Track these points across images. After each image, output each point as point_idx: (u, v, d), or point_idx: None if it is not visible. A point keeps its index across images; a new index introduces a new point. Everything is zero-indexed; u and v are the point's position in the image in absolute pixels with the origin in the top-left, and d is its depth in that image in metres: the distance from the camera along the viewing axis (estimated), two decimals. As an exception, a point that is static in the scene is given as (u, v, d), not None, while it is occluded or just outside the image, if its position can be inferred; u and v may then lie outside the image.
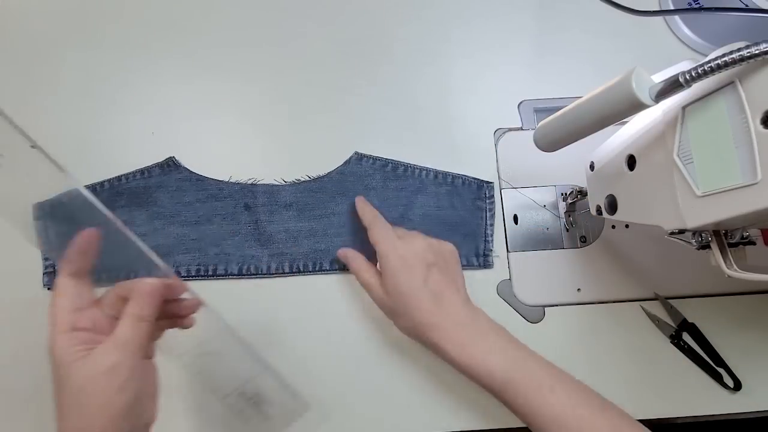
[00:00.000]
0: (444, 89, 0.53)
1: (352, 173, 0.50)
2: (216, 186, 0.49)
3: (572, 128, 0.35)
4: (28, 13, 0.54)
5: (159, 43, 0.54)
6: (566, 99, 0.50)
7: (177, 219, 0.48)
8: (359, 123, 0.52)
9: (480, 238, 0.49)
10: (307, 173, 0.50)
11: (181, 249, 0.48)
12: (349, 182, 0.49)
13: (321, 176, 0.50)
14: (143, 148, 0.50)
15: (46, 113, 0.51)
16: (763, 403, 0.46)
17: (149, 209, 0.48)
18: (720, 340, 0.47)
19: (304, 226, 0.49)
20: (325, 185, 0.50)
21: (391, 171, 0.50)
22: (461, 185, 0.50)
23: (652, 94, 0.29)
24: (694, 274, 0.48)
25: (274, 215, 0.49)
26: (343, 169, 0.50)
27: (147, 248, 0.35)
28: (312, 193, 0.49)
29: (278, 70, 0.53)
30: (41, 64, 0.53)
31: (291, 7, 0.55)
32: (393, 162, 0.50)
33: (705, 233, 0.33)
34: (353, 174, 0.50)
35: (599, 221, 0.50)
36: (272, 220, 0.49)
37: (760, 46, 0.24)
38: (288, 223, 0.49)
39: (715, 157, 0.28)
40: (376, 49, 0.54)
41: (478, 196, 0.50)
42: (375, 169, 0.50)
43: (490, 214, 0.50)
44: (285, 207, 0.49)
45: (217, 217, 0.49)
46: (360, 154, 0.50)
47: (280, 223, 0.49)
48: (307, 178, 0.50)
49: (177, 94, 0.52)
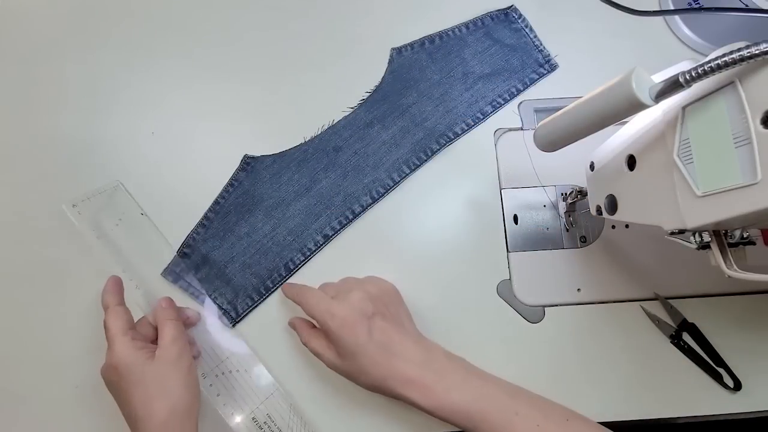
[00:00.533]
0: (444, 89, 0.53)
1: (401, 66, 0.53)
2: (298, 150, 0.51)
3: (572, 128, 0.35)
4: (29, 13, 0.54)
5: (159, 42, 0.54)
6: (566, 99, 0.51)
7: (288, 198, 0.50)
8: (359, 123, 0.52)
9: (535, 51, 0.54)
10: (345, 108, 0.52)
11: (312, 219, 0.49)
12: (404, 75, 0.53)
13: (377, 86, 0.52)
14: (143, 148, 0.50)
15: (46, 113, 0.51)
16: (763, 403, 0.46)
17: (261, 207, 0.49)
18: (720, 340, 0.47)
19: (394, 130, 0.51)
20: (385, 91, 0.52)
21: (429, 45, 0.54)
22: (491, 22, 0.55)
23: (652, 94, 0.29)
24: (694, 274, 0.48)
25: (365, 139, 0.51)
26: (391, 69, 0.53)
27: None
28: (380, 103, 0.52)
29: (278, 70, 0.54)
30: (42, 64, 0.53)
31: (291, 7, 0.55)
32: (427, 38, 0.54)
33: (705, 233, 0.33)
34: (402, 66, 0.53)
35: (599, 221, 0.50)
36: (366, 143, 0.51)
37: (760, 46, 0.24)
38: (381, 136, 0.51)
39: (715, 157, 0.28)
40: (375, 50, 0.54)
41: (511, 21, 0.54)
42: (416, 52, 0.54)
43: (528, 29, 0.54)
44: (368, 126, 0.51)
45: (319, 173, 0.50)
46: (395, 48, 0.53)
47: (373, 142, 0.51)
48: (365, 96, 0.52)
49: (177, 94, 0.52)
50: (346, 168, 0.50)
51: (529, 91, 0.53)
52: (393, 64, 0.53)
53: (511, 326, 0.47)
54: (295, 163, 0.50)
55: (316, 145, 0.51)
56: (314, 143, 0.51)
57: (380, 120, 0.51)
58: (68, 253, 0.48)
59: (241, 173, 0.50)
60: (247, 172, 0.50)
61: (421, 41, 0.54)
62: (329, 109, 0.52)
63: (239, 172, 0.50)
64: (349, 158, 0.50)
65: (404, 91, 0.52)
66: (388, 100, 0.52)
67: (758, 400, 0.46)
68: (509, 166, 0.51)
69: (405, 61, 0.53)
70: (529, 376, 0.46)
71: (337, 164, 0.50)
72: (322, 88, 0.53)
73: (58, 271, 0.47)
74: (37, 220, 0.48)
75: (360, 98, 0.52)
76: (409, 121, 0.51)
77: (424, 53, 0.53)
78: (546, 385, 0.46)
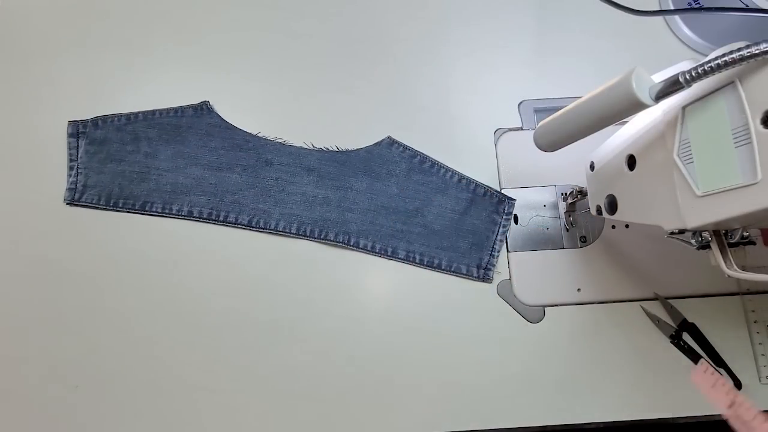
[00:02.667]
0: (444, 89, 0.53)
1: (380, 156, 0.51)
2: (243, 137, 0.51)
3: (572, 128, 0.35)
4: (29, 12, 0.54)
5: (159, 42, 0.54)
6: (566, 99, 0.50)
7: (200, 161, 0.50)
8: (358, 122, 0.52)
9: (486, 251, 0.49)
10: (336, 144, 0.51)
11: (198, 191, 0.50)
12: (375, 163, 0.50)
13: (349, 150, 0.51)
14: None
15: (45, 113, 0.51)
16: (763, 403, 0.45)
17: (176, 147, 0.50)
18: (720, 340, 0.47)
19: (320, 193, 0.50)
20: (350, 159, 0.50)
21: (417, 163, 0.51)
22: (482, 195, 0.50)
23: (652, 94, 0.29)
24: (694, 274, 0.48)
25: (295, 176, 0.50)
26: (372, 149, 0.51)
27: None
28: (336, 164, 0.50)
29: (278, 71, 0.53)
30: (41, 64, 0.53)
31: (291, 7, 0.55)
32: (422, 155, 0.51)
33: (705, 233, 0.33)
34: (381, 157, 0.51)
35: (599, 221, 0.50)
36: (292, 180, 0.50)
37: (760, 46, 0.24)
38: (306, 187, 0.50)
39: (715, 157, 0.28)
40: (376, 49, 0.54)
41: (497, 210, 0.50)
42: (403, 157, 0.51)
43: (503, 230, 0.49)
44: (307, 171, 0.50)
45: (238, 167, 0.50)
46: (392, 139, 0.51)
47: (298, 185, 0.50)
48: (335, 149, 0.51)
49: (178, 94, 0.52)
50: (258, 182, 0.50)
51: (529, 91, 0.53)
52: (377, 147, 0.51)
53: (511, 326, 0.47)
54: (232, 143, 0.50)
55: (259, 146, 0.51)
56: (259, 142, 0.51)
57: (320, 176, 0.50)
58: (68, 253, 0.48)
59: (189, 109, 0.51)
60: (194, 112, 0.51)
61: (414, 153, 0.51)
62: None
63: (190, 108, 0.51)
64: (268, 178, 0.50)
65: (361, 174, 0.50)
66: (342, 168, 0.50)
67: (758, 400, 0.46)
68: (509, 166, 0.51)
69: (387, 155, 0.51)
70: (529, 376, 0.46)
71: (256, 173, 0.50)
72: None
73: (57, 271, 0.47)
74: (36, 219, 0.48)
75: (327, 145, 0.51)
76: (338, 198, 0.50)
77: (407, 163, 0.50)
78: (546, 385, 0.46)
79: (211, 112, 0.51)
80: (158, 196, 0.49)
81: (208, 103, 0.51)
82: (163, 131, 0.50)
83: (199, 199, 0.49)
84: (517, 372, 0.46)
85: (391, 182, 0.50)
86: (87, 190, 0.49)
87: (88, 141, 0.50)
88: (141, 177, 0.49)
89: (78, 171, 0.49)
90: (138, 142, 0.50)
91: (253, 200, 0.49)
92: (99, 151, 0.50)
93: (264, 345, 0.47)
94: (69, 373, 0.45)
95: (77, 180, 0.49)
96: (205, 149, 0.50)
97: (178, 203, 0.49)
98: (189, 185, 0.50)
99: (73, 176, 0.49)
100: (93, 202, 0.49)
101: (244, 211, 0.49)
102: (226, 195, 0.49)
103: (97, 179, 0.49)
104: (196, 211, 0.49)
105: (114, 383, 0.45)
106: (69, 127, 0.50)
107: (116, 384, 0.45)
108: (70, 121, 0.50)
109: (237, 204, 0.49)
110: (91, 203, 0.49)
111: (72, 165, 0.50)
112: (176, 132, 0.51)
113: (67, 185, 0.49)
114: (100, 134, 0.50)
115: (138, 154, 0.50)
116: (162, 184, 0.49)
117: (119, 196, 0.49)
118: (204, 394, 0.45)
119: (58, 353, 0.46)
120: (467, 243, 0.49)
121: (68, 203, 0.49)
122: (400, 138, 0.51)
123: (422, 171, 0.50)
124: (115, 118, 0.51)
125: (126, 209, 0.49)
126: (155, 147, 0.50)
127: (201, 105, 0.51)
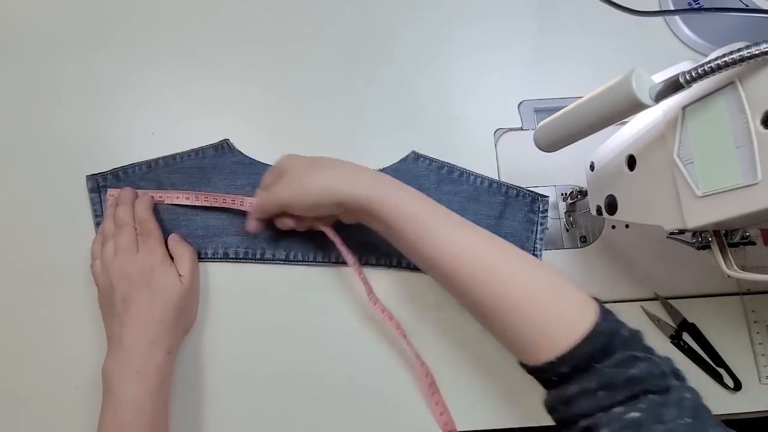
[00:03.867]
0: (444, 89, 0.53)
1: (407, 171, 0.50)
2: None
3: (572, 128, 0.35)
4: (29, 12, 0.54)
5: (160, 42, 0.54)
6: (566, 99, 0.50)
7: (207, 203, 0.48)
8: (359, 123, 0.52)
9: (528, 251, 0.48)
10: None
11: (231, 231, 0.48)
12: (404, 179, 0.48)
13: (377, 170, 0.49)
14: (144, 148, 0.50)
15: (46, 113, 0.51)
16: (763, 403, 0.46)
17: (202, 189, 0.49)
18: (720, 340, 0.47)
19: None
20: None
21: (446, 174, 0.50)
22: (515, 196, 0.49)
23: (652, 95, 0.29)
24: (694, 274, 0.48)
25: None
26: (399, 166, 0.50)
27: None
28: None
29: (278, 71, 0.53)
30: (41, 64, 0.53)
31: (291, 7, 0.55)
32: (449, 165, 0.50)
33: (705, 233, 0.33)
34: (408, 172, 0.50)
35: (599, 221, 0.50)
36: None
37: (760, 46, 0.24)
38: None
39: (715, 157, 0.28)
40: (376, 49, 0.54)
41: (532, 209, 0.49)
42: (431, 170, 0.50)
43: (541, 228, 0.49)
44: None
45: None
46: (417, 153, 0.50)
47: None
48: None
49: (178, 94, 0.52)
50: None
51: (529, 91, 0.53)
52: (403, 164, 0.50)
53: (511, 326, 0.47)
54: (259, 178, 0.47)
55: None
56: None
57: None
58: (68, 253, 0.47)
59: (210, 149, 0.50)
60: (216, 152, 0.50)
61: (441, 164, 0.50)
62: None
63: (210, 148, 0.50)
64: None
65: None
66: None
67: (758, 400, 0.46)
68: (509, 166, 0.51)
69: (414, 170, 0.50)
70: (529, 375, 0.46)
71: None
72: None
73: (58, 271, 0.47)
74: (36, 219, 0.48)
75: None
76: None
77: (435, 175, 0.49)
78: (546, 385, 0.46)
79: (233, 149, 0.50)
80: (192, 242, 0.47)
81: (229, 140, 0.50)
82: (186, 175, 0.49)
83: (233, 240, 0.48)
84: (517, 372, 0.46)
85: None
86: None
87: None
88: (171, 224, 0.48)
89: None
90: (162, 189, 0.48)
91: (287, 234, 0.48)
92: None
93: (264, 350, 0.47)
94: (69, 373, 0.45)
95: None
96: (233, 188, 0.49)
97: (212, 246, 0.48)
98: (221, 226, 0.48)
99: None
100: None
101: (279, 247, 0.48)
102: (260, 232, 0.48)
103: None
104: (231, 252, 0.48)
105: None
106: (88, 183, 0.48)
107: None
108: (88, 176, 0.48)
109: (272, 240, 0.48)
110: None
111: (98, 221, 0.47)
112: (200, 174, 0.49)
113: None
114: (122, 186, 0.48)
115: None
116: (193, 229, 0.48)
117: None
118: (204, 394, 0.45)
119: (59, 353, 0.46)
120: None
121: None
122: (401, 138, 0.51)
123: (452, 181, 0.50)
124: (135, 167, 0.49)
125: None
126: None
127: (221, 144, 0.50)
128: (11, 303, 0.47)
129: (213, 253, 0.48)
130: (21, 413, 0.45)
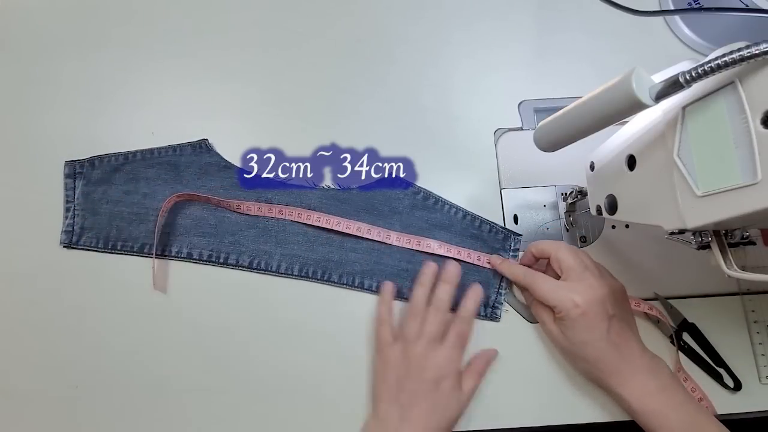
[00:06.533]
0: (444, 89, 0.53)
1: (382, 193, 0.49)
2: (242, 175, 0.49)
3: (572, 128, 0.35)
4: (29, 12, 0.54)
5: (160, 43, 0.54)
6: (566, 99, 0.50)
7: (199, 201, 0.49)
8: (360, 124, 0.52)
9: (492, 289, 0.48)
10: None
11: (197, 232, 0.48)
12: (376, 201, 0.49)
13: (351, 188, 0.49)
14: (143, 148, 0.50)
15: (46, 113, 0.51)
16: (763, 403, 0.46)
17: (174, 187, 0.49)
18: (720, 340, 0.47)
19: (322, 233, 0.48)
20: (352, 198, 0.49)
21: (421, 200, 0.49)
22: (488, 232, 0.49)
23: (652, 94, 0.29)
24: (694, 274, 0.48)
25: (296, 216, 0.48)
26: (374, 186, 0.50)
27: None
28: (338, 203, 0.49)
29: (279, 71, 0.53)
30: (41, 64, 0.53)
31: (292, 8, 0.55)
32: (425, 191, 0.49)
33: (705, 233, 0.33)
34: (383, 194, 0.49)
35: (599, 221, 0.50)
36: (293, 220, 0.48)
37: (760, 46, 0.24)
38: (307, 227, 0.48)
39: (715, 157, 0.28)
40: (376, 50, 0.54)
41: (503, 246, 0.48)
42: (405, 194, 0.49)
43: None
44: (308, 210, 0.48)
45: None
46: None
47: (300, 224, 0.48)
48: (337, 187, 0.50)
49: (178, 94, 0.52)
50: (258, 222, 0.48)
51: (529, 91, 0.53)
52: (380, 182, 0.50)
53: (511, 326, 0.47)
54: (231, 182, 0.48)
55: (258, 184, 0.49)
56: (259, 181, 0.49)
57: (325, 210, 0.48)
58: (68, 253, 0.48)
59: (188, 147, 0.50)
60: (193, 150, 0.50)
61: (417, 189, 0.49)
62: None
63: (189, 145, 0.50)
64: (269, 217, 0.48)
65: (363, 212, 0.49)
66: (343, 207, 0.49)
67: (758, 400, 0.46)
68: (509, 166, 0.51)
69: (389, 191, 0.49)
70: (530, 376, 0.46)
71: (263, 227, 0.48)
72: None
73: (58, 271, 0.47)
74: (36, 219, 0.48)
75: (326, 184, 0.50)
76: (340, 237, 0.48)
77: (409, 199, 0.49)
78: (547, 386, 0.46)
79: (210, 150, 0.50)
80: (159, 238, 0.47)
81: (207, 141, 0.50)
82: (161, 170, 0.49)
83: (198, 241, 0.48)
84: (517, 372, 0.46)
85: (394, 220, 0.49)
86: (84, 233, 0.48)
87: (85, 181, 0.48)
88: (139, 218, 0.48)
89: (75, 213, 0.48)
90: (136, 182, 0.49)
91: (253, 241, 0.48)
92: (95, 191, 0.48)
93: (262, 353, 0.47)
94: (69, 373, 0.45)
95: (74, 222, 0.48)
96: (204, 189, 0.49)
97: (177, 245, 0.48)
98: (188, 225, 0.48)
99: (70, 218, 0.48)
100: (91, 245, 0.47)
101: (244, 253, 0.48)
102: (226, 236, 0.48)
103: (94, 221, 0.48)
104: (195, 253, 0.48)
105: (114, 383, 0.45)
106: (66, 168, 0.49)
107: (116, 384, 0.45)
108: (67, 162, 0.49)
109: (237, 245, 0.48)
110: (89, 246, 0.47)
111: (69, 206, 0.48)
112: (174, 171, 0.49)
113: (63, 227, 0.48)
114: (97, 174, 0.49)
115: (136, 194, 0.48)
116: (161, 225, 0.48)
117: (117, 239, 0.48)
118: (204, 395, 0.45)
119: (59, 353, 0.46)
120: (473, 281, 0.46)
121: (65, 246, 0.48)
122: (401, 138, 0.51)
123: (425, 207, 0.49)
124: (112, 158, 0.49)
125: (124, 251, 0.47)
126: (153, 187, 0.49)
127: (200, 143, 0.50)
128: (11, 303, 0.47)
129: (177, 251, 0.48)
130: (21, 413, 0.45)
